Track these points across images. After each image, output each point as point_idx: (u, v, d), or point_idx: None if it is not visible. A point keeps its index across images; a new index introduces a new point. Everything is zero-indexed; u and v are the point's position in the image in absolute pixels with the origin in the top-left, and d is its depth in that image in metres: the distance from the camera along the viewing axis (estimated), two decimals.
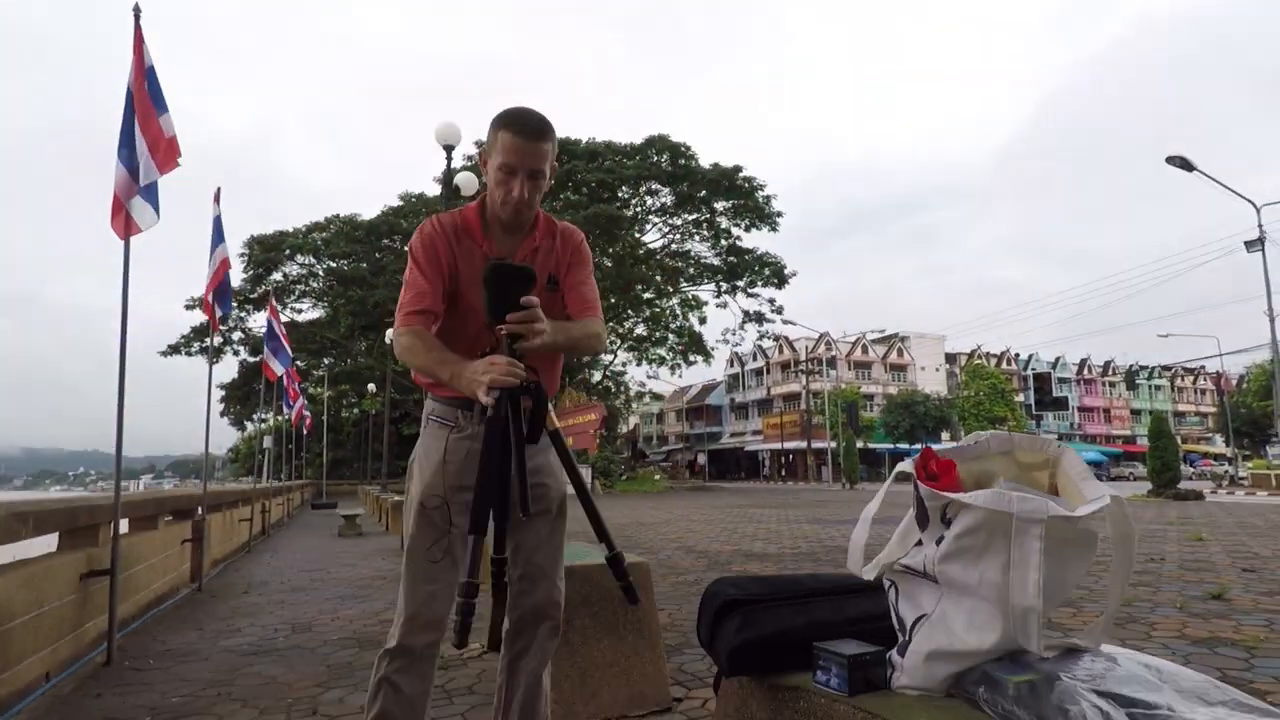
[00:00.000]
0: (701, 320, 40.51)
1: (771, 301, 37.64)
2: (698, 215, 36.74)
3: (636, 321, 40.79)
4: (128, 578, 4.35)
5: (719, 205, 35.92)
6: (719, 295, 38.41)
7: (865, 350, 57.25)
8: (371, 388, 33.83)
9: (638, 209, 36.94)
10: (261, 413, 17.77)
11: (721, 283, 37.96)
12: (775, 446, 53.00)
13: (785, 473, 52.19)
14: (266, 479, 17.97)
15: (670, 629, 3.99)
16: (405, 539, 1.72)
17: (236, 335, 37.71)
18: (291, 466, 26.11)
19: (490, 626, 1.69)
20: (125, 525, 4.30)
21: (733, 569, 6.55)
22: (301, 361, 35.50)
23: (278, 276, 38.10)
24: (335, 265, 37.75)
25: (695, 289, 39.65)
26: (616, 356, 41.54)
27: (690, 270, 38.44)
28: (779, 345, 54.52)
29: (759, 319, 38.05)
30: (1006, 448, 1.36)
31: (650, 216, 37.60)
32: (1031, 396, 46.12)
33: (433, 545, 1.65)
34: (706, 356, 40.92)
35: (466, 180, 12.20)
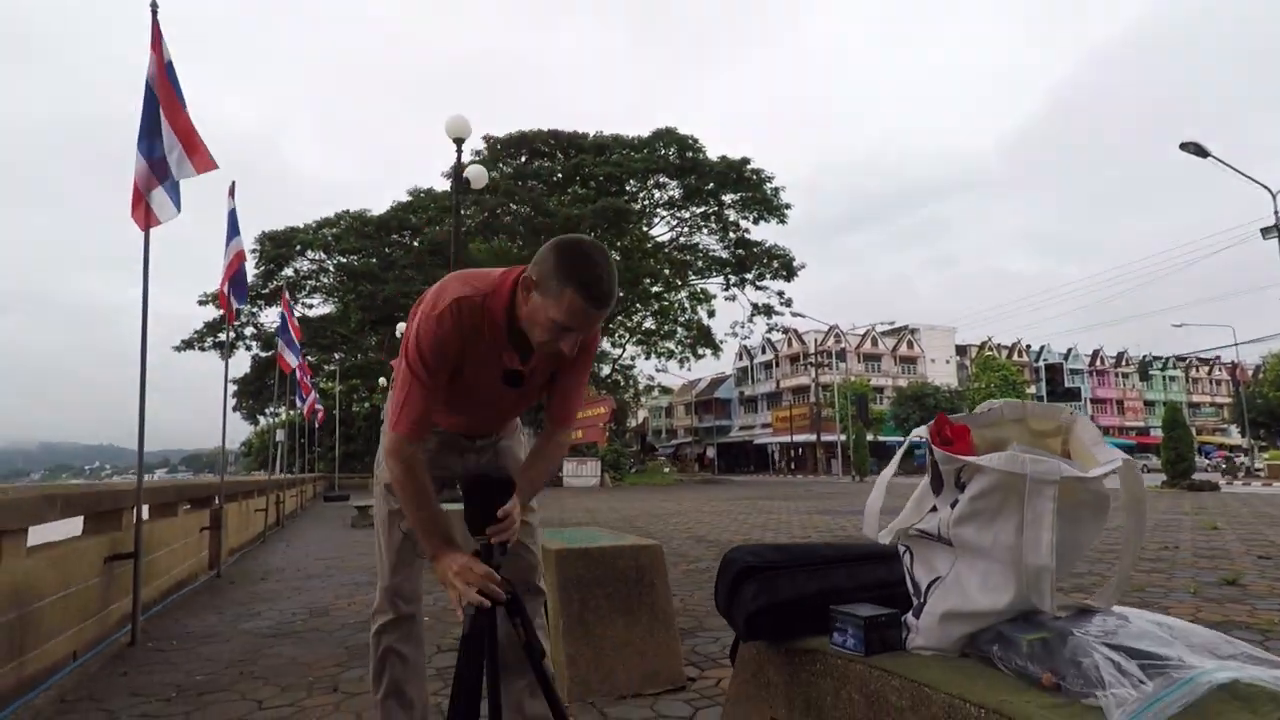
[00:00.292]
0: (710, 313, 40.50)
1: (780, 294, 37.58)
2: (706, 208, 36.67)
3: (645, 315, 40.79)
4: (150, 562, 4.43)
5: (727, 198, 35.83)
6: (727, 288, 38.38)
7: (875, 343, 57.04)
8: (382, 382, 34.00)
9: (646, 202, 36.91)
10: (274, 407, 17.89)
11: (730, 276, 37.90)
12: (784, 439, 52.96)
13: (794, 466, 52.15)
14: (280, 471, 18.14)
15: (682, 613, 4.02)
16: (377, 520, 1.76)
17: (249, 330, 38.02)
18: (304, 460, 26.32)
19: None
20: (146, 512, 4.37)
21: None
22: (313, 356, 35.72)
23: (289, 272, 38.35)
24: (345, 261, 37.97)
25: (704, 282, 39.63)
26: (625, 350, 41.55)
27: (698, 263, 38.40)
28: (788, 338, 54.40)
29: (768, 312, 37.99)
30: (1019, 415, 1.39)
31: (658, 210, 37.57)
32: (1043, 388, 45.85)
33: (407, 526, 1.68)
34: (715, 350, 40.91)
35: (476, 174, 12.24)
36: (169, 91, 4.03)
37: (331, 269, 38.95)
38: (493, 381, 1.58)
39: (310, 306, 39.74)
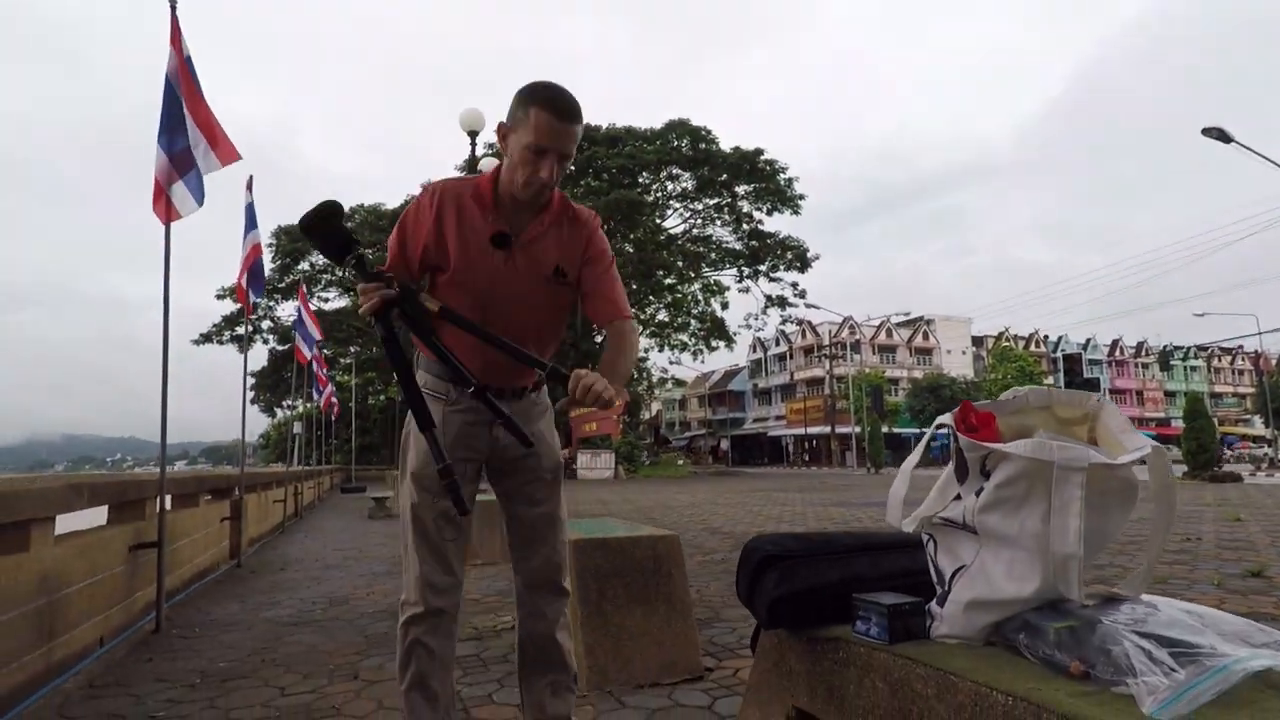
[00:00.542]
0: (723, 305, 40.39)
1: (794, 285, 37.42)
2: (719, 199, 36.53)
3: (658, 307, 40.71)
4: (172, 551, 4.50)
5: (740, 189, 35.66)
6: (741, 280, 38.26)
7: (890, 334, 56.67)
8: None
9: (658, 194, 36.81)
10: (291, 399, 18.07)
11: (743, 267, 37.76)
12: (799, 432, 52.79)
13: (809, 458, 52.01)
14: (298, 463, 18.32)
15: (699, 604, 4.02)
16: (404, 511, 1.73)
17: (266, 324, 38.38)
18: (321, 452, 26.56)
19: None
20: (169, 502, 4.43)
21: None
22: (329, 349, 36.01)
23: (305, 266, 38.64)
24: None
25: (717, 274, 39.52)
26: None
27: (712, 255, 38.28)
28: (802, 330, 54.15)
29: (781, 303, 37.85)
30: (1045, 402, 1.37)
31: (671, 201, 37.47)
32: (1061, 379, 45.38)
33: (436, 513, 1.68)
34: (729, 342, 40.83)
35: (490, 166, 12.24)
36: (190, 86, 4.06)
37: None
38: (484, 253, 1.62)
39: (326, 300, 40.06)
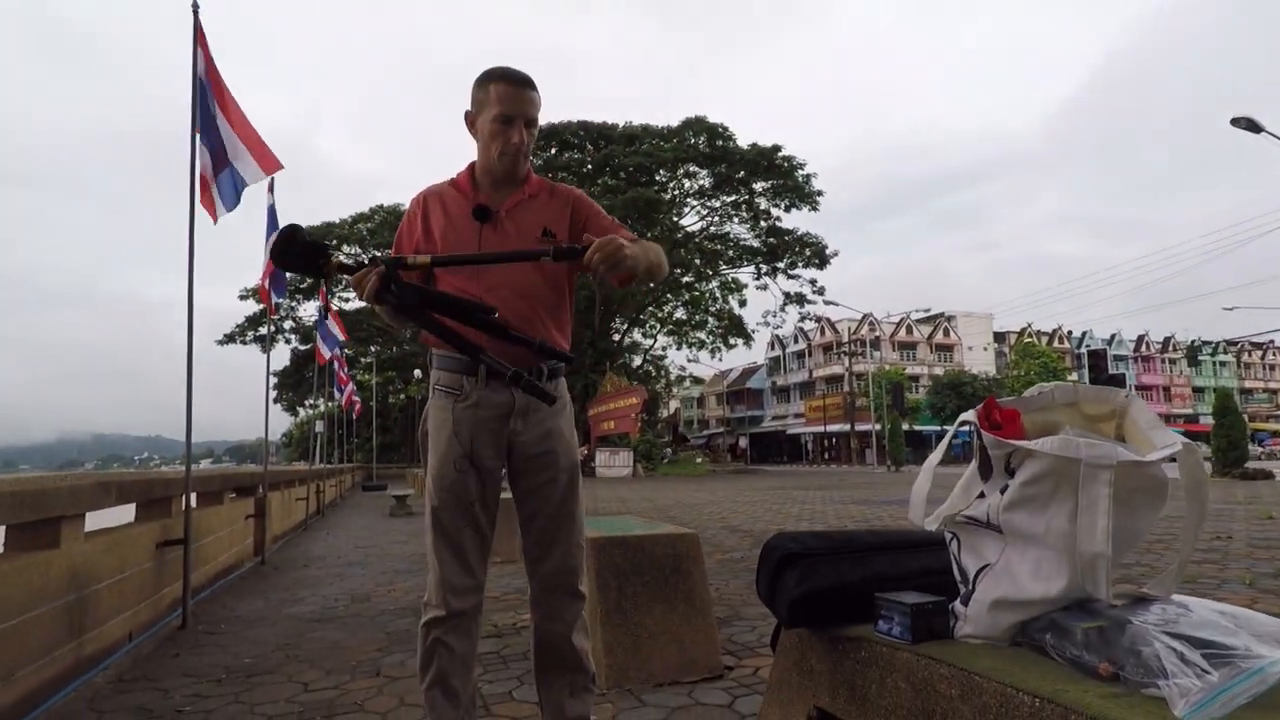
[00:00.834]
0: (741, 303, 40.27)
1: (813, 282, 37.21)
2: (736, 197, 36.38)
3: (676, 305, 40.69)
4: (198, 548, 4.57)
5: (758, 186, 35.50)
6: (759, 277, 38.11)
7: (910, 330, 56.17)
8: (417, 374, 34.52)
9: (676, 192, 36.75)
10: (313, 398, 18.29)
11: (761, 264, 37.60)
12: (818, 429, 52.50)
13: (828, 456, 51.71)
14: (320, 461, 18.53)
15: (718, 603, 4.01)
16: (425, 513, 1.74)
17: (288, 324, 38.82)
18: (342, 450, 26.86)
19: None
20: (194, 499, 4.50)
21: None
22: (350, 349, 36.40)
23: None
24: (381, 254, 38.54)
25: (735, 271, 39.39)
26: (656, 341, 41.50)
27: (729, 253, 38.16)
28: (821, 327, 53.83)
29: (800, 300, 37.66)
30: (1071, 399, 1.34)
31: (688, 199, 37.39)
32: (1086, 375, 44.72)
33: (457, 514, 1.68)
34: (747, 339, 40.71)
35: None
36: (220, 88, 4.15)
37: (366, 263, 39.55)
38: (469, 228, 1.71)
39: (346, 300, 40.41)
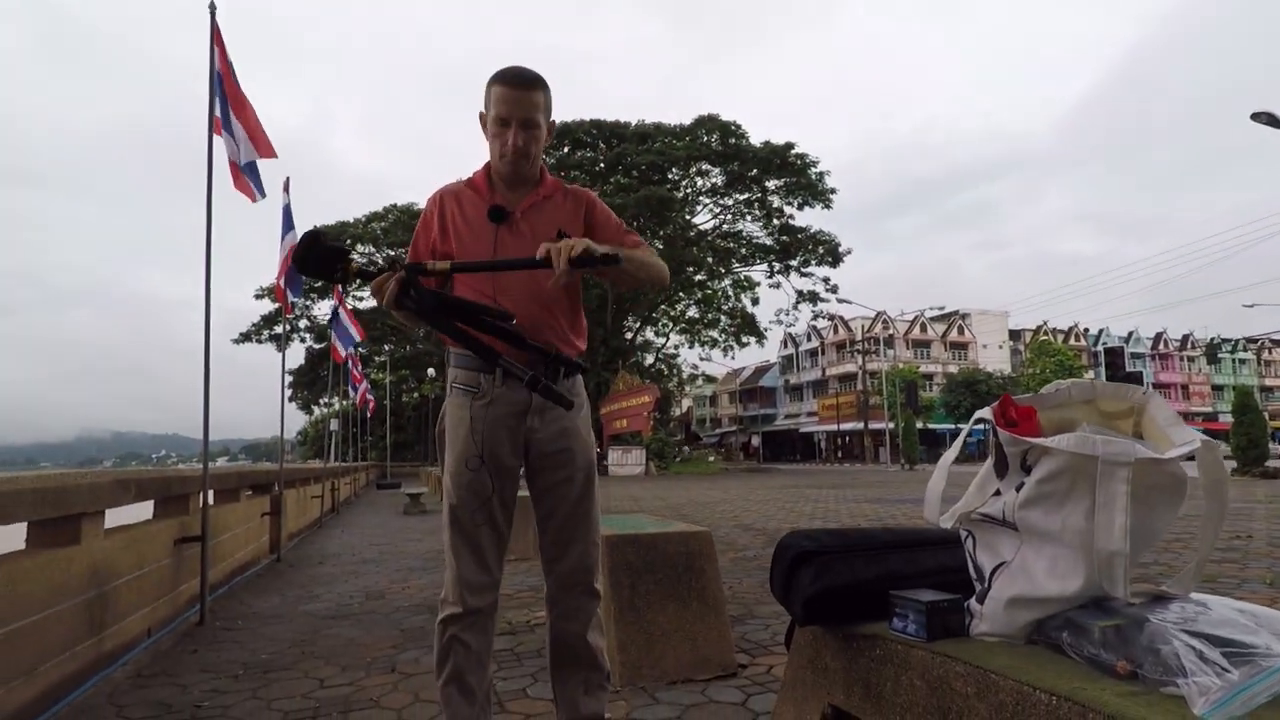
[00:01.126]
0: (754, 301, 40.15)
1: (826, 280, 37.02)
2: (749, 195, 36.26)
3: (688, 304, 40.62)
4: (215, 545, 4.62)
5: (771, 184, 35.36)
6: (772, 275, 37.97)
7: (924, 329, 55.79)
8: (431, 372, 34.67)
9: (688, 190, 36.68)
10: (328, 397, 18.42)
11: (774, 263, 37.46)
12: (831, 428, 52.28)
13: (841, 454, 51.49)
14: (334, 459, 18.67)
15: (731, 601, 4.01)
16: (443, 510, 1.75)
17: (303, 323, 39.15)
18: (356, 448, 27.06)
19: None
20: (211, 497, 4.55)
21: None
22: (364, 347, 36.67)
23: None
24: (395, 254, 38.77)
25: (747, 270, 39.28)
26: (669, 339, 41.45)
27: (742, 250, 38.04)
28: (834, 325, 53.58)
29: (813, 298, 37.48)
30: (1089, 395, 1.33)
31: (701, 197, 37.31)
32: (1103, 374, 44.27)
33: (474, 511, 1.69)
34: (760, 338, 40.54)
35: None
36: (235, 85, 4.23)
37: (381, 262, 39.87)
38: (484, 229, 1.73)
39: (360, 299, 40.71)
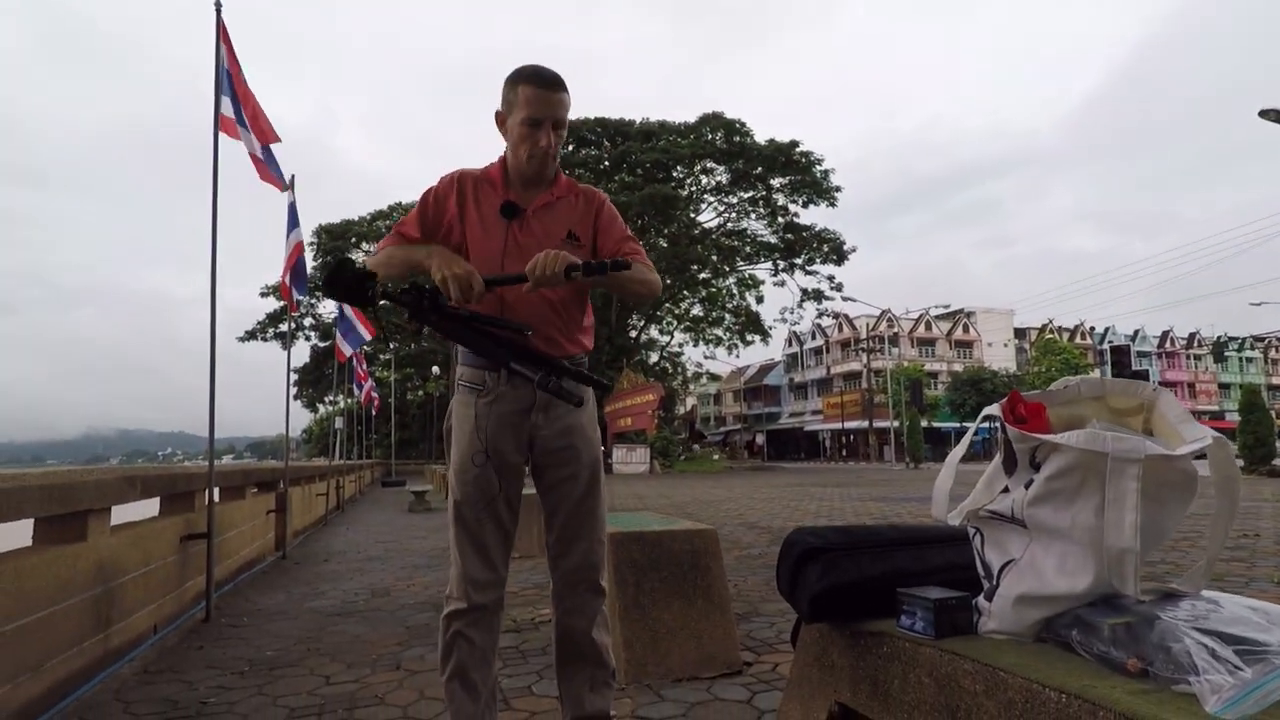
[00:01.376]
0: (759, 299, 40.09)
1: (830, 279, 36.95)
2: (754, 193, 36.21)
3: (693, 302, 40.58)
4: (221, 543, 4.63)
5: (775, 182, 35.30)
6: (776, 274, 37.91)
7: (929, 327, 55.65)
8: (435, 370, 34.71)
9: (693, 188, 36.63)
10: (333, 395, 18.46)
11: (779, 261, 37.40)
12: (835, 426, 52.19)
13: (846, 453, 51.40)
14: (339, 457, 18.72)
15: (736, 599, 4.01)
16: (449, 507, 1.75)
17: (308, 321, 39.24)
18: (361, 446, 27.12)
19: None
20: (217, 494, 4.56)
21: None
22: (369, 346, 36.74)
23: None
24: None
25: (752, 268, 39.22)
26: (673, 337, 41.42)
27: (746, 249, 37.98)
28: (838, 323, 53.49)
29: (818, 297, 37.41)
30: (1098, 392, 1.32)
31: (705, 195, 37.25)
32: (1109, 372, 44.07)
33: (479, 508, 1.69)
34: (764, 336, 40.51)
35: None
36: (243, 82, 4.27)
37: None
38: (497, 224, 1.72)
39: None
